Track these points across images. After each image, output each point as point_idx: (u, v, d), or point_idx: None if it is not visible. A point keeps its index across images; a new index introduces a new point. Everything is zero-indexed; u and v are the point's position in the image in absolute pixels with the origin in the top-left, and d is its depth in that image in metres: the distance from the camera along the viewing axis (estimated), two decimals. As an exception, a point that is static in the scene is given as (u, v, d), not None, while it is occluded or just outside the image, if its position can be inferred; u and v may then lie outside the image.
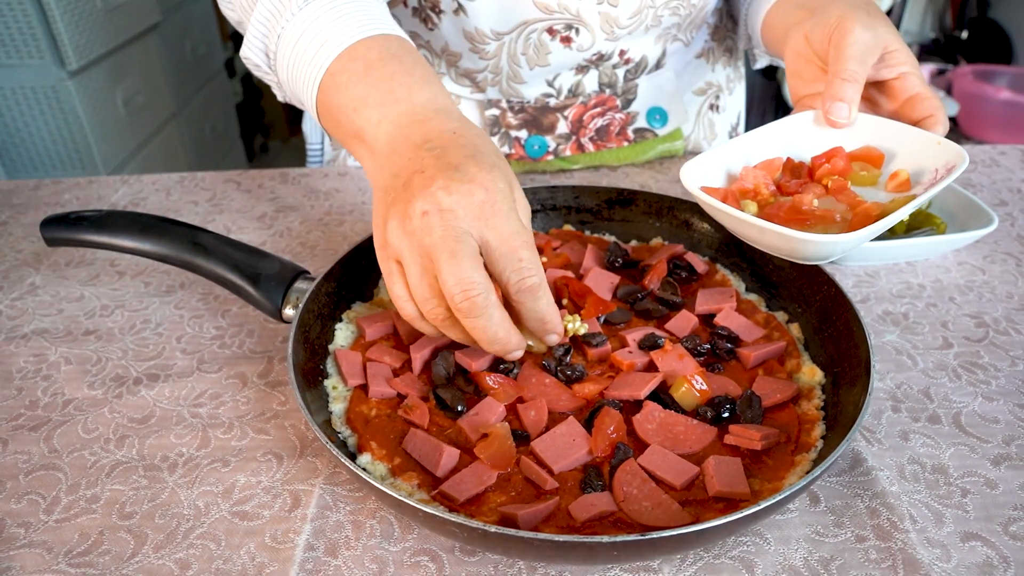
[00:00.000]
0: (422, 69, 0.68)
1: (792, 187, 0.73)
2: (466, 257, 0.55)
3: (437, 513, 0.51)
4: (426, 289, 0.58)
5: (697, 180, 0.72)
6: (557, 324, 0.63)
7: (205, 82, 2.97)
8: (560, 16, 0.97)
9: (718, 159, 0.76)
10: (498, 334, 0.59)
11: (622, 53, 1.05)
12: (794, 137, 0.78)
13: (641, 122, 1.13)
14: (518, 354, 0.63)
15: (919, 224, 0.96)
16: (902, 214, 0.65)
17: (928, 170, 0.71)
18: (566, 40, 1.00)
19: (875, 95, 0.80)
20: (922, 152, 0.72)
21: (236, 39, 3.45)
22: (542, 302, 0.60)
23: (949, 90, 3.58)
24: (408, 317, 0.63)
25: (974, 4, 3.79)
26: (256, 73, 0.80)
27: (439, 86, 0.67)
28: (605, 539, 0.48)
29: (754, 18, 0.98)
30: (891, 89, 0.77)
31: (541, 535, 0.49)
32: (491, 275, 0.58)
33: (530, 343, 0.69)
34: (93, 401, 0.74)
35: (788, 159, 0.77)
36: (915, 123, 0.75)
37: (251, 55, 0.77)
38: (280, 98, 0.82)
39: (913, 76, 0.76)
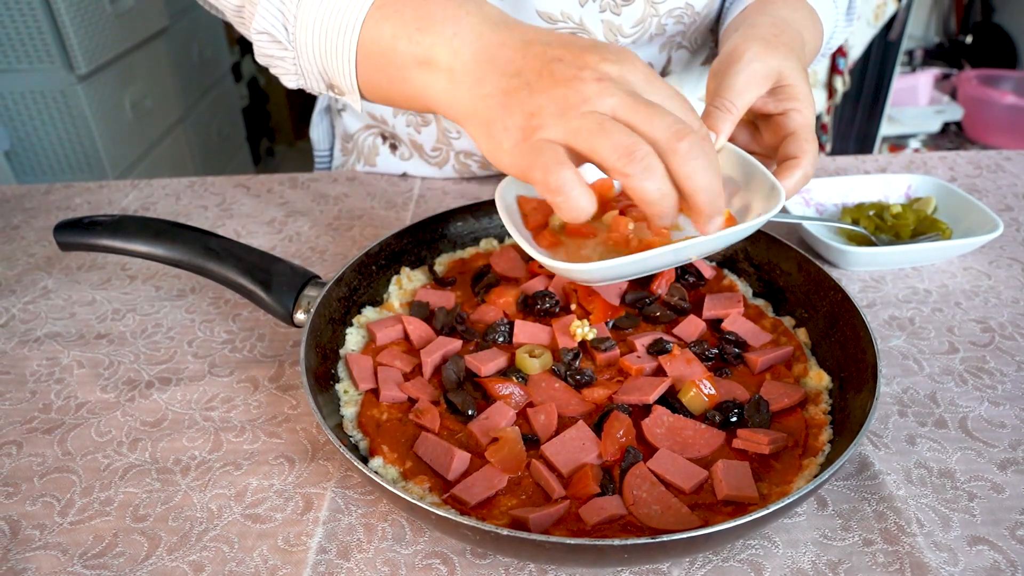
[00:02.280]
0: None
1: (622, 206, 0.71)
2: (660, 107, 0.53)
3: (449, 516, 0.52)
4: (620, 131, 0.52)
5: (521, 188, 0.73)
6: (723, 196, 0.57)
7: (212, 86, 2.99)
8: (563, 25, 0.97)
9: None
10: (712, 176, 0.55)
11: None
12: None
13: None
14: (719, 221, 0.58)
15: (925, 229, 0.96)
16: (679, 251, 0.62)
17: (754, 211, 0.68)
18: None
19: (761, 126, 0.77)
20: (759, 192, 0.68)
21: (243, 43, 3.46)
22: (716, 158, 0.56)
23: (954, 94, 3.58)
24: (579, 210, 0.54)
25: (978, 8, 3.79)
26: (266, 51, 0.70)
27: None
28: (615, 542, 0.49)
29: (720, 33, 0.98)
30: (774, 124, 0.73)
31: (552, 538, 0.50)
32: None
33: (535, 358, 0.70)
34: (106, 404, 0.75)
35: None
36: (782, 162, 0.71)
37: (268, 27, 0.68)
38: (291, 83, 0.72)
39: (797, 113, 0.71)
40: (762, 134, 0.77)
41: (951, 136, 3.60)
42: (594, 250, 0.69)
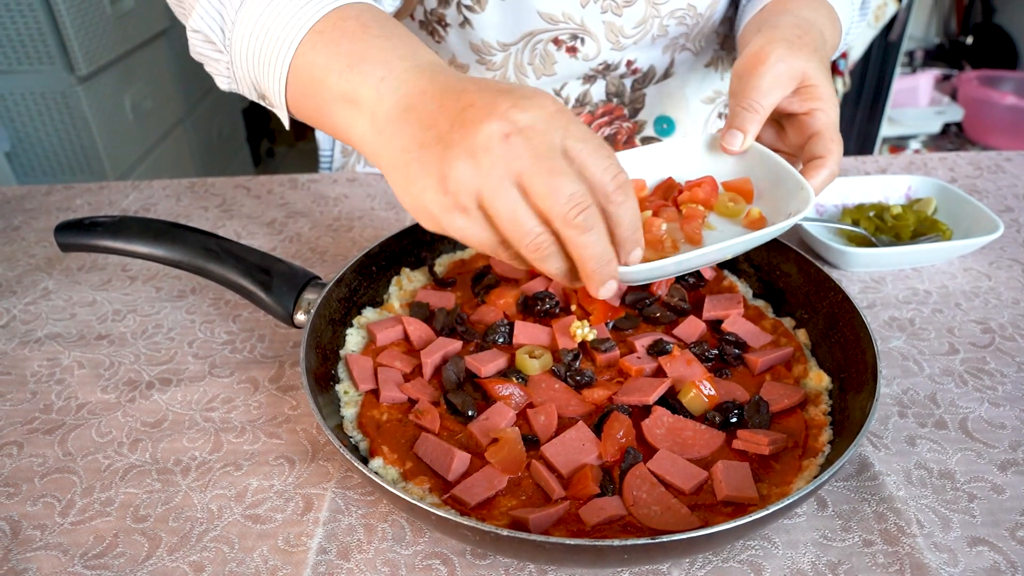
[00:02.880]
0: (417, 37, 0.62)
1: (655, 206, 0.71)
2: (565, 171, 0.51)
3: (449, 516, 0.52)
4: (528, 218, 0.52)
5: None
6: (642, 232, 0.58)
7: (212, 87, 2.98)
8: (565, 26, 0.98)
9: None
10: (607, 250, 0.54)
11: (629, 63, 1.05)
12: (680, 158, 0.76)
13: (648, 131, 1.14)
14: (613, 287, 0.56)
15: (925, 230, 0.96)
16: (715, 252, 0.63)
17: (783, 212, 0.68)
18: (572, 50, 1.00)
19: (787, 125, 0.77)
20: (785, 192, 0.70)
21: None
22: (634, 199, 0.55)
23: (954, 95, 3.58)
24: (504, 257, 0.56)
25: (979, 9, 3.79)
26: (199, 50, 0.70)
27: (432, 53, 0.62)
28: (615, 542, 0.49)
29: (737, 33, 0.98)
30: (799, 123, 0.75)
31: (552, 538, 0.50)
32: None
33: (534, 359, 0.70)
34: (106, 405, 0.75)
35: (669, 179, 0.75)
36: (808, 161, 0.72)
37: (203, 27, 0.67)
38: (223, 85, 0.71)
39: (821, 113, 0.73)
40: (787, 133, 0.78)
41: (951, 137, 3.60)
42: None
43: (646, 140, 1.14)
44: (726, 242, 0.62)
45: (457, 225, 0.54)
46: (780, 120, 0.78)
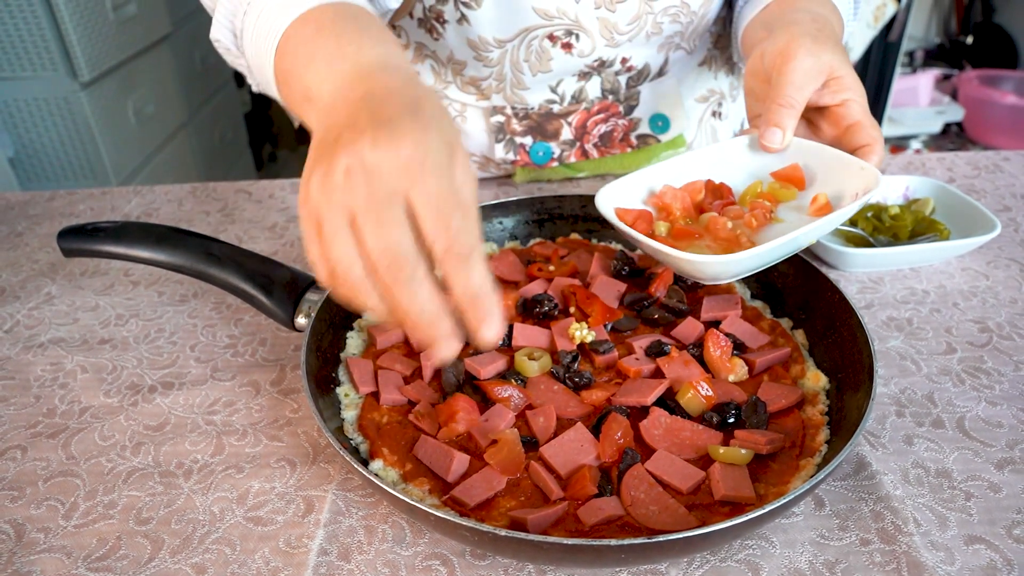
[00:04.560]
0: (377, 29, 0.64)
1: (715, 208, 0.73)
2: (393, 222, 0.49)
3: (449, 517, 0.52)
4: (346, 249, 0.50)
5: (615, 201, 0.73)
6: (491, 307, 0.51)
7: (214, 92, 3.00)
8: (560, 22, 0.98)
9: (641, 182, 0.77)
10: (424, 309, 0.50)
11: (624, 60, 1.06)
12: (726, 161, 0.78)
13: (644, 128, 1.14)
14: (449, 348, 0.52)
15: (923, 230, 0.97)
16: (799, 237, 0.64)
17: (848, 194, 0.71)
18: (567, 46, 1.01)
19: (818, 120, 0.79)
20: (845, 175, 0.72)
21: (244, 49, 3.47)
22: (474, 273, 0.50)
23: (955, 95, 3.58)
24: (322, 281, 0.54)
25: (979, 9, 3.80)
26: (227, 58, 0.77)
27: (394, 45, 0.63)
28: (613, 542, 0.49)
29: (737, 33, 0.99)
30: (833, 115, 0.77)
31: (550, 538, 0.50)
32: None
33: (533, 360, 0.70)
34: (109, 409, 0.76)
35: (709, 180, 0.76)
36: (853, 151, 0.74)
37: (220, 36, 0.74)
38: (254, 87, 0.78)
39: (855, 104, 0.75)
40: (820, 127, 0.79)
41: (952, 137, 3.60)
42: (706, 250, 0.69)
43: (641, 138, 1.15)
44: (810, 225, 0.64)
45: (301, 224, 0.54)
46: (809, 115, 0.79)
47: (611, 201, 0.74)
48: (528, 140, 1.12)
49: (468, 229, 0.51)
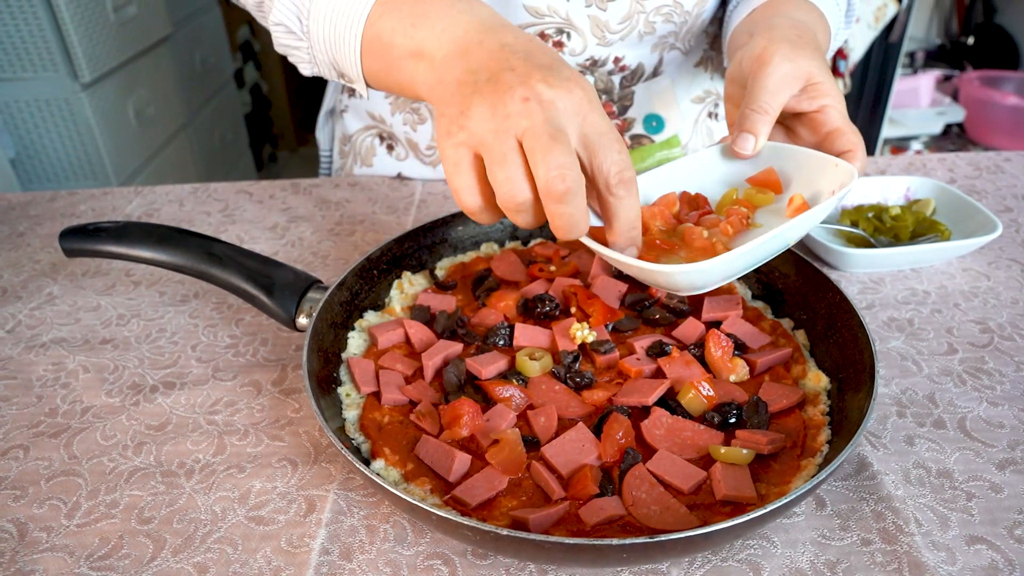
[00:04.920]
0: None
1: (691, 219, 0.72)
2: (565, 144, 0.55)
3: (450, 516, 0.52)
4: (514, 170, 0.56)
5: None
6: (639, 231, 0.62)
7: (214, 93, 3.00)
8: (551, 20, 0.99)
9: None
10: (579, 220, 0.58)
11: (617, 60, 1.06)
12: (700, 170, 0.77)
13: (638, 128, 1.15)
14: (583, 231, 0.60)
15: (924, 231, 0.97)
16: (774, 239, 0.63)
17: (824, 192, 0.70)
18: (558, 45, 1.02)
19: (796, 127, 0.78)
20: (820, 174, 0.71)
21: (245, 50, 3.48)
22: (636, 198, 0.60)
23: (956, 96, 3.58)
24: (468, 207, 0.60)
25: (980, 9, 3.80)
26: (283, 41, 0.77)
27: (491, 7, 0.67)
28: (614, 542, 0.49)
29: (725, 37, 0.99)
30: (812, 121, 0.76)
31: (552, 538, 0.50)
32: (586, 173, 0.59)
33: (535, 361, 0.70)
34: (111, 409, 0.76)
35: (684, 192, 0.75)
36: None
37: (283, 18, 0.75)
38: (307, 70, 0.78)
39: (833, 109, 0.74)
40: (799, 133, 0.78)
41: (953, 138, 3.60)
42: (682, 261, 0.67)
43: (635, 138, 1.15)
44: (782, 226, 0.63)
45: (445, 154, 0.59)
46: (787, 122, 0.79)
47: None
48: None
49: (628, 159, 0.59)
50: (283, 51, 0.78)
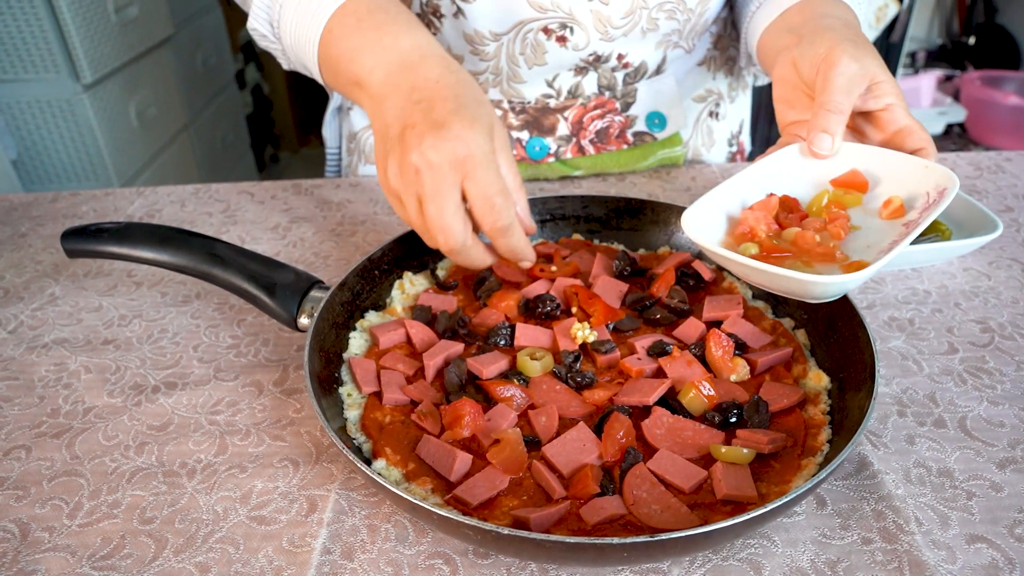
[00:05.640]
0: (405, 17, 0.76)
1: (792, 222, 0.72)
2: (449, 206, 0.66)
3: (451, 516, 0.52)
4: (421, 221, 0.70)
5: (698, 227, 0.69)
6: (527, 253, 0.74)
7: (216, 94, 3.01)
8: (554, 15, 0.99)
9: (715, 203, 0.73)
10: (473, 258, 0.72)
11: (620, 57, 1.06)
12: (783, 171, 0.77)
13: (640, 126, 1.15)
14: (482, 260, 0.73)
15: (925, 231, 0.97)
16: (905, 246, 0.64)
17: (920, 194, 0.70)
18: (561, 39, 1.02)
19: (862, 125, 0.80)
20: (910, 176, 0.72)
21: (246, 51, 3.48)
22: (513, 238, 0.71)
23: (957, 96, 3.58)
24: (408, 222, 0.72)
25: (981, 9, 3.80)
26: (262, 44, 0.88)
27: (422, 31, 0.76)
28: (615, 540, 0.50)
29: (752, 38, 0.99)
30: (878, 120, 0.77)
31: (553, 537, 0.50)
32: (472, 215, 0.69)
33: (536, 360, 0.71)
34: (113, 409, 0.76)
35: (784, 196, 0.75)
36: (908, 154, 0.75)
37: (257, 25, 0.85)
38: (285, 66, 0.90)
39: (898, 108, 0.76)
40: (865, 133, 0.80)
41: (954, 138, 3.60)
42: (804, 267, 0.67)
43: (638, 136, 1.15)
44: (912, 233, 0.64)
45: (389, 198, 0.72)
46: (854, 122, 0.80)
47: (697, 227, 0.70)
48: (524, 135, 1.13)
49: (505, 206, 0.68)
50: (263, 47, 0.89)
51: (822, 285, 0.61)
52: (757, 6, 0.98)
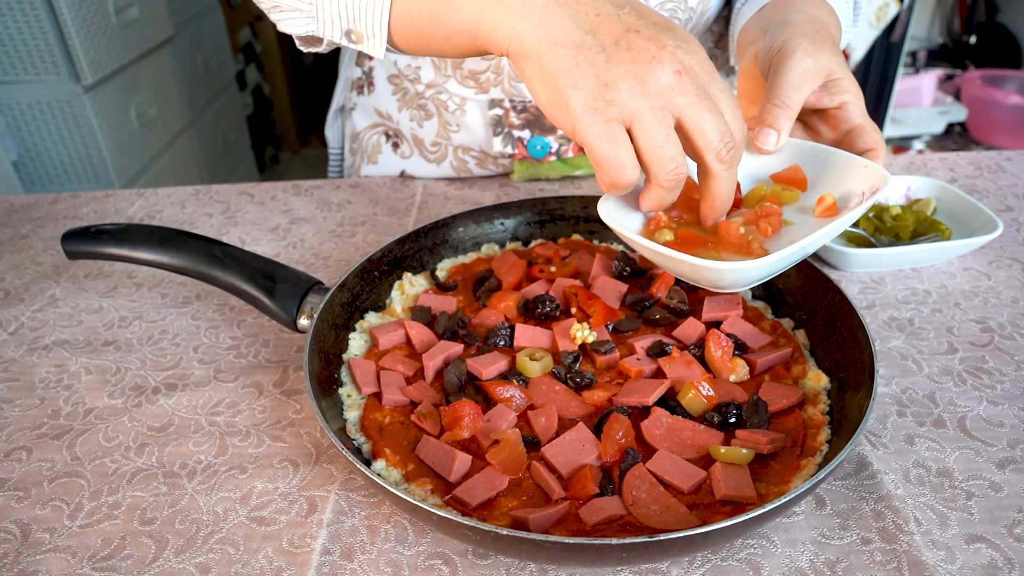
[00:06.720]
0: None
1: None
2: (719, 112, 0.56)
3: (451, 517, 0.52)
4: (675, 148, 0.56)
5: (616, 213, 0.68)
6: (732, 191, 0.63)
7: (216, 95, 3.01)
8: None
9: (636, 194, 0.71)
10: (732, 187, 0.61)
11: None
12: None
13: None
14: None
15: (924, 231, 0.97)
16: (816, 240, 0.62)
17: (855, 193, 0.69)
18: None
19: (816, 123, 0.78)
20: (849, 175, 0.70)
21: (247, 52, 3.49)
22: (736, 168, 0.61)
23: (958, 95, 3.58)
24: (626, 183, 0.57)
25: (982, 8, 3.79)
26: (279, 5, 0.68)
27: None
28: (614, 541, 0.50)
29: (734, 34, 0.99)
30: (831, 118, 0.76)
31: (552, 537, 0.50)
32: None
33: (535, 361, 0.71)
34: (113, 410, 0.76)
35: None
36: (857, 155, 0.72)
37: None
38: (301, 29, 0.69)
39: (853, 106, 0.74)
40: (818, 130, 0.78)
41: (955, 137, 3.59)
42: (719, 256, 0.66)
43: None
44: (827, 227, 0.62)
45: (593, 130, 0.55)
46: (807, 119, 0.78)
47: (616, 214, 0.69)
48: (526, 134, 1.13)
49: (744, 124, 0.60)
50: (270, 4, 0.69)
51: (717, 271, 0.60)
52: (743, 3, 0.97)
